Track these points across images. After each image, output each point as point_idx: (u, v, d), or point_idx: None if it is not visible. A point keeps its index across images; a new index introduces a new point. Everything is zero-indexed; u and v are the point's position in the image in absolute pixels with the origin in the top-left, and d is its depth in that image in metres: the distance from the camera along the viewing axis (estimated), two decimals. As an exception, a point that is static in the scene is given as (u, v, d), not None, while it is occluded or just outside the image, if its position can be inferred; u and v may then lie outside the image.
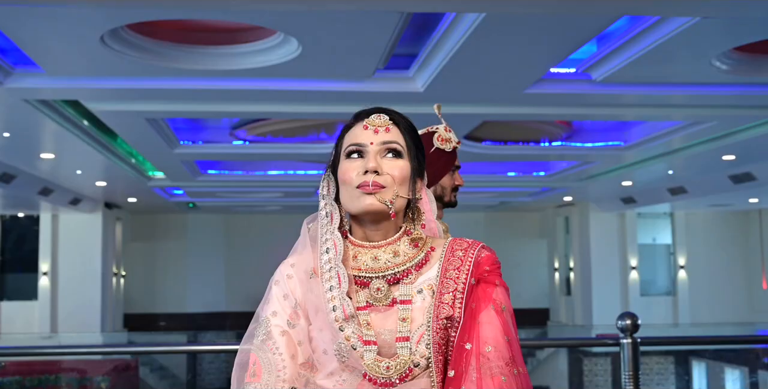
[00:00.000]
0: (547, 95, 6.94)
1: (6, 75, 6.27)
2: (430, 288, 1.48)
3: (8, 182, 10.91)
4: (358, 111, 1.57)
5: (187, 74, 6.10)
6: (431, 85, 6.54)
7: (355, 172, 1.48)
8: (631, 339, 3.72)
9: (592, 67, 6.42)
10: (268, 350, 1.48)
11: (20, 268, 15.71)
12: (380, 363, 1.42)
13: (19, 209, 15.16)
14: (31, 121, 7.72)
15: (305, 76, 6.34)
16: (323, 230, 1.52)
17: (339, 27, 5.15)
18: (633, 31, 5.66)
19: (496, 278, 1.49)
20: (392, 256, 1.50)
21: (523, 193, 15.50)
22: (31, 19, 4.88)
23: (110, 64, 5.82)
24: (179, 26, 5.69)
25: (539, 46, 5.59)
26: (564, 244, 18.31)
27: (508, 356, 1.41)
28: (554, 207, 18.22)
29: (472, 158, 10.65)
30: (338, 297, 1.44)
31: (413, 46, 6.23)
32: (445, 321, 1.45)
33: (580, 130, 10.30)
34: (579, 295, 17.02)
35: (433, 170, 2.46)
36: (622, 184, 13.17)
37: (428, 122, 8.23)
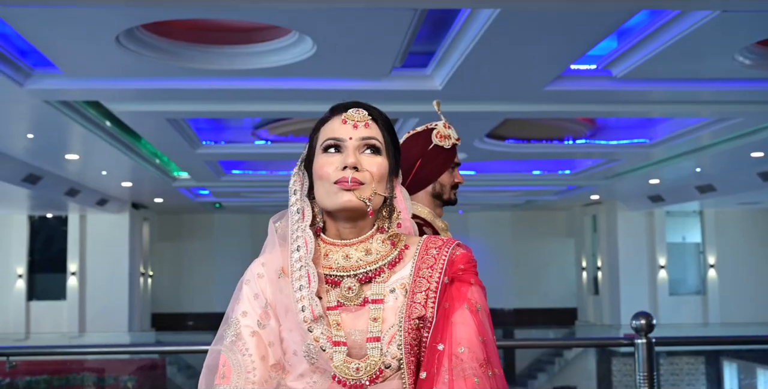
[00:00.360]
0: (567, 92, 6.86)
1: (26, 77, 6.32)
2: (403, 287, 1.43)
3: (35, 183, 11.02)
4: (335, 105, 1.53)
5: (204, 74, 6.10)
6: (449, 83, 6.48)
7: (332, 167, 1.43)
8: (646, 339, 3.65)
9: (613, 64, 6.33)
10: (238, 351, 1.45)
11: (49, 268, 15.87)
12: (350, 364, 1.38)
13: (47, 210, 15.32)
14: (53, 122, 7.78)
15: (321, 76, 6.31)
16: (294, 227, 1.47)
17: (353, 25, 5.12)
18: (653, 27, 5.57)
19: (471, 277, 1.44)
20: (364, 254, 1.45)
21: (549, 191, 15.37)
22: (46, 20, 4.90)
23: (127, 65, 5.83)
24: (194, 26, 5.69)
25: (557, 42, 5.51)
26: (592, 243, 18.13)
27: (483, 357, 1.36)
28: (581, 206, 18.06)
29: (495, 156, 10.59)
30: (307, 297, 1.40)
31: (430, 43, 6.18)
32: (417, 321, 1.41)
33: (605, 127, 10.18)
34: (607, 295, 16.84)
35: (431, 168, 2.42)
36: (649, 182, 13.01)
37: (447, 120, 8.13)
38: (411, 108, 7.32)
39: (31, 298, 15.70)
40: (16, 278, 15.62)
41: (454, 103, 7.24)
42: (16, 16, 4.83)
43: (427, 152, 2.43)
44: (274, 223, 1.53)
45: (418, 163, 2.44)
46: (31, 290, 15.78)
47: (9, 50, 5.88)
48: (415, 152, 2.45)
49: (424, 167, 2.44)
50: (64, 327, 15.16)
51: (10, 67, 6.05)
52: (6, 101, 6.85)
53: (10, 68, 6.07)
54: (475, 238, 20.28)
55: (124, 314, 15.42)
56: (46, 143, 9.16)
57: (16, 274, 15.62)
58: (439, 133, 2.45)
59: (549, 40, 5.45)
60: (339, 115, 1.49)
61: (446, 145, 2.44)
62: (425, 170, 2.44)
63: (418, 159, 2.43)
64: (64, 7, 4.63)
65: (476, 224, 20.25)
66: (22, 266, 15.66)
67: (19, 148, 9.38)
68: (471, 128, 8.56)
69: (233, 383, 1.43)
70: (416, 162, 2.43)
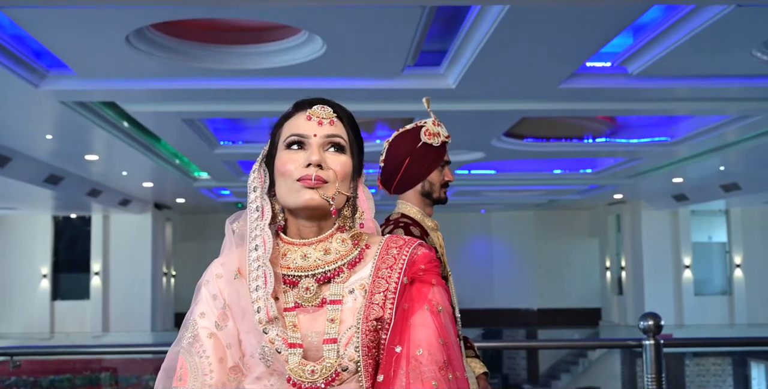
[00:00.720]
0: (583, 90, 6.79)
1: (41, 78, 6.36)
2: (363, 288, 1.39)
3: (56, 184, 11.12)
4: (299, 100, 1.49)
5: (215, 74, 6.10)
6: (463, 82, 6.44)
7: (295, 164, 1.39)
8: (654, 340, 3.58)
9: (628, 61, 6.25)
10: (195, 353, 1.41)
11: (73, 268, 16.02)
12: (305, 366, 1.34)
13: (71, 210, 15.47)
14: (71, 123, 7.83)
15: (333, 75, 6.29)
16: (252, 226, 1.43)
17: (361, 24, 5.08)
18: (668, 22, 5.49)
19: (432, 278, 1.39)
20: (323, 254, 1.41)
21: (571, 191, 15.25)
22: (55, 21, 4.92)
23: (138, 65, 5.85)
24: (204, 26, 5.69)
25: (569, 39, 5.44)
26: (615, 243, 17.97)
27: (442, 360, 1.31)
28: (605, 205, 17.90)
29: (514, 155, 10.52)
30: (263, 298, 1.36)
31: (442, 42, 6.14)
32: (375, 323, 1.36)
33: (625, 125, 10.07)
34: (631, 295, 16.68)
35: (420, 166, 2.38)
36: (672, 181, 12.85)
37: (461, 118, 8.21)
38: (425, 107, 7.26)
39: (55, 298, 15.86)
40: (41, 278, 15.79)
41: (469, 101, 7.20)
42: (26, 18, 4.86)
43: (415, 150, 2.39)
44: (231, 223, 1.49)
45: (407, 161, 2.40)
46: (56, 290, 15.94)
47: (23, 52, 5.92)
48: (403, 150, 2.40)
49: (413, 165, 2.40)
50: (88, 327, 15.30)
51: (24, 69, 6.09)
52: (23, 103, 6.90)
53: (25, 70, 6.11)
54: (498, 238, 20.20)
55: (147, 313, 15.53)
56: (66, 143, 9.23)
57: (40, 274, 15.79)
58: (428, 131, 2.40)
59: (561, 37, 5.38)
60: (303, 111, 1.45)
61: (435, 143, 2.39)
62: (414, 169, 2.40)
63: (406, 157, 2.39)
64: (70, 7, 4.64)
65: (499, 223, 20.17)
66: (46, 266, 15.83)
67: (39, 149, 9.46)
68: (488, 127, 8.50)
69: (189, 385, 1.39)
70: (404, 160, 2.39)
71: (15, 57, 5.88)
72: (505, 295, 19.79)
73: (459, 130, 8.55)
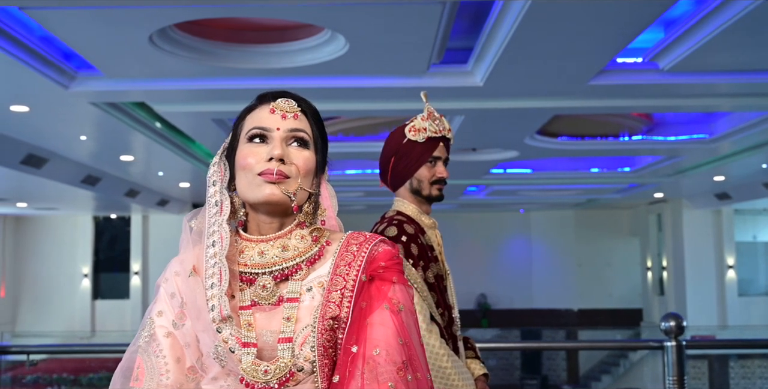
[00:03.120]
0: (613, 86, 6.66)
1: (70, 79, 6.42)
2: (321, 286, 1.34)
3: (94, 185, 11.27)
4: (263, 93, 1.45)
5: (240, 73, 6.09)
6: (490, 79, 6.35)
7: (257, 158, 1.35)
8: (676, 341, 3.48)
9: (659, 56, 6.11)
10: (152, 353, 1.38)
11: (113, 268, 16.25)
12: (258, 366, 1.29)
13: (111, 210, 15.68)
14: (103, 124, 7.92)
15: (358, 73, 6.25)
16: (211, 221, 1.39)
17: (381, 21, 5.04)
18: (699, 15, 5.34)
19: (393, 275, 1.34)
20: (281, 251, 1.37)
21: (610, 189, 15.03)
22: (80, 22, 4.95)
23: (163, 65, 5.87)
24: (227, 25, 5.70)
25: (596, 34, 5.33)
26: (657, 242, 17.68)
27: (401, 360, 1.26)
28: (646, 204, 17.63)
29: (548, 153, 10.39)
30: (217, 296, 1.32)
31: (468, 38, 6.07)
32: (332, 322, 1.31)
33: (662, 123, 9.88)
34: (672, 295, 16.39)
35: (406, 163, 2.33)
36: (714, 179, 12.58)
37: (492, 116, 8.12)
38: (454, 105, 7.22)
39: (96, 297, 16.10)
40: (82, 277, 16.04)
41: (498, 99, 7.11)
42: (50, 19, 4.90)
43: (401, 147, 2.35)
44: (188, 221, 1.45)
45: (393, 158, 2.36)
46: (96, 289, 16.19)
47: (52, 53, 5.98)
48: (390, 147, 2.38)
49: (399, 162, 2.36)
50: (128, 326, 15.50)
51: (54, 71, 6.16)
52: (54, 104, 6.99)
53: (55, 71, 6.17)
54: (537, 237, 20.02)
55: (185, 312, 15.65)
56: (100, 144, 9.34)
57: (81, 274, 16.04)
58: (413, 127, 2.36)
59: (587, 32, 5.27)
60: (267, 104, 1.41)
61: (419, 138, 2.34)
62: (400, 165, 2.36)
63: (392, 154, 2.36)
64: (93, 7, 4.67)
65: (538, 223, 19.99)
66: (87, 266, 16.08)
67: (74, 150, 9.59)
68: (519, 125, 8.40)
69: (145, 386, 1.36)
70: (391, 157, 2.36)
71: (44, 59, 5.94)
72: (545, 295, 19.60)
73: (490, 128, 8.48)
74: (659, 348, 3.53)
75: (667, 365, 3.49)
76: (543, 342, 14.58)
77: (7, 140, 8.43)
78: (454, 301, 2.41)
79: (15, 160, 9.05)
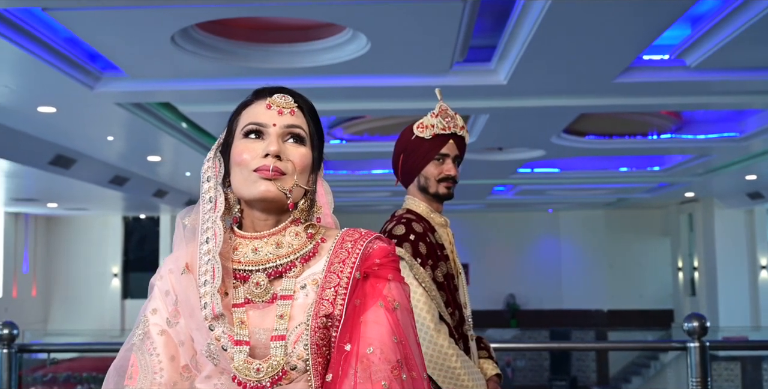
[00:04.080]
0: (639, 84, 6.56)
1: (96, 80, 6.47)
2: (315, 283, 1.32)
3: (122, 185, 11.37)
4: (259, 88, 1.44)
5: (262, 73, 6.09)
6: (514, 77, 6.30)
7: (252, 154, 1.34)
8: (699, 342, 3.41)
9: (686, 53, 6.02)
10: (146, 351, 1.37)
11: (142, 267, 16.39)
12: (250, 365, 1.27)
13: (140, 210, 15.82)
14: (129, 124, 7.98)
15: (380, 72, 6.23)
16: (205, 217, 1.37)
17: (403, 20, 5.01)
18: (725, 10, 5.25)
19: (388, 273, 1.31)
20: (275, 247, 1.35)
21: (640, 189, 14.87)
22: (102, 23, 4.98)
23: (186, 65, 5.89)
24: (248, 25, 5.70)
25: (620, 30, 5.26)
26: (688, 242, 17.46)
27: (395, 359, 1.23)
28: (677, 204, 17.42)
29: (576, 152, 10.29)
30: (210, 293, 1.30)
31: (491, 37, 6.02)
32: (325, 320, 1.29)
33: (691, 121, 9.74)
34: (704, 296, 16.17)
35: (413, 159, 2.31)
36: (745, 178, 12.37)
37: (517, 115, 8.06)
38: (478, 104, 7.17)
39: (125, 296, 16.25)
40: (112, 277, 16.19)
41: (523, 97, 7.05)
42: (73, 20, 4.93)
43: (409, 144, 2.33)
44: (182, 219, 1.43)
45: (402, 155, 2.34)
46: (126, 288, 16.33)
47: (77, 54, 6.03)
48: (399, 144, 2.36)
49: (407, 159, 2.34)
50: (157, 325, 15.60)
51: (79, 72, 6.21)
52: (80, 105, 7.05)
53: (80, 72, 6.22)
54: (567, 237, 19.88)
55: (215, 312, 15.75)
56: (127, 145, 9.41)
57: (111, 273, 16.20)
58: (421, 123, 2.34)
59: (611, 28, 5.20)
60: (263, 99, 1.40)
61: (426, 135, 2.31)
62: (408, 163, 2.34)
63: (401, 151, 2.34)
64: (115, 8, 4.69)
65: (567, 223, 19.85)
66: (117, 266, 16.23)
67: (102, 150, 9.67)
68: (545, 124, 8.32)
69: (139, 384, 1.35)
70: (400, 154, 2.35)
71: (69, 60, 5.99)
72: (574, 296, 19.46)
73: (515, 127, 8.42)
74: (682, 348, 3.46)
75: (690, 366, 3.42)
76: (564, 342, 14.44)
77: (35, 140, 8.52)
78: (466, 300, 2.37)
79: (44, 160, 9.15)
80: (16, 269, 15.86)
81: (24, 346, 3.57)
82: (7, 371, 3.36)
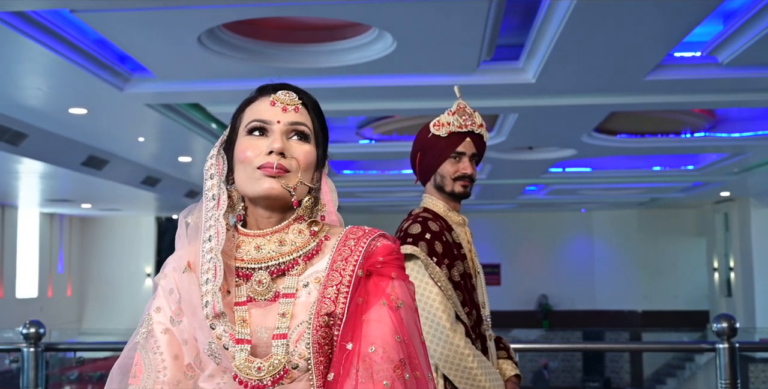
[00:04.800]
0: (671, 82, 6.48)
1: (125, 81, 6.53)
2: (318, 281, 1.30)
3: (153, 186, 11.47)
4: (263, 85, 1.42)
5: (289, 73, 6.10)
6: (542, 75, 6.24)
7: (256, 151, 1.32)
8: (728, 343, 3.35)
9: (717, 49, 5.91)
10: (150, 349, 1.36)
11: (175, 267, 16.52)
12: (251, 363, 1.26)
13: (173, 211, 15.94)
14: (159, 125, 8.04)
15: (407, 72, 6.21)
16: (207, 215, 1.35)
17: (427, 19, 4.99)
18: (758, 5, 5.15)
19: (392, 271, 1.29)
20: (278, 245, 1.33)
21: (674, 188, 14.68)
22: (129, 24, 5.01)
23: (213, 66, 5.92)
24: (275, 25, 5.71)
25: (650, 27, 5.18)
26: (724, 242, 17.18)
27: (398, 358, 1.21)
28: (712, 203, 17.17)
29: (607, 151, 10.18)
30: (211, 292, 1.29)
31: (519, 35, 5.97)
32: (327, 318, 1.27)
33: (725, 119, 9.58)
34: (740, 297, 15.90)
35: (430, 158, 2.29)
36: (782, 177, 12.18)
37: (546, 114, 7.99)
38: (506, 103, 7.12)
39: (158, 296, 16.38)
40: (145, 277, 16.33)
41: (552, 96, 6.99)
42: (101, 22, 4.97)
43: (425, 142, 2.31)
44: (184, 217, 1.42)
45: (419, 154, 2.32)
46: (159, 288, 16.46)
47: (106, 56, 6.08)
48: (416, 142, 2.34)
49: (424, 157, 2.32)
50: (190, 324, 15.72)
51: (109, 73, 6.27)
52: (110, 106, 7.12)
53: (109, 74, 6.28)
54: (600, 237, 19.69)
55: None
56: (158, 145, 9.49)
57: (144, 273, 16.34)
58: (438, 121, 2.32)
59: (641, 24, 5.13)
60: (267, 96, 1.38)
61: (442, 133, 2.29)
62: (425, 161, 2.32)
63: (419, 150, 2.33)
64: (142, 9, 4.72)
65: (600, 223, 19.67)
66: (150, 266, 16.37)
67: (133, 151, 9.77)
68: (575, 123, 8.24)
69: (142, 383, 1.34)
70: (417, 153, 2.33)
71: (99, 62, 6.04)
72: (608, 296, 19.26)
73: (545, 126, 8.35)
74: (711, 350, 3.40)
75: (719, 368, 3.37)
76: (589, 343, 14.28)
77: (68, 142, 8.62)
78: (485, 300, 2.34)
79: (76, 161, 9.26)
80: (51, 269, 16.07)
81: (51, 345, 3.61)
82: (34, 369, 3.40)
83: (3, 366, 10.79)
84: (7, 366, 10.34)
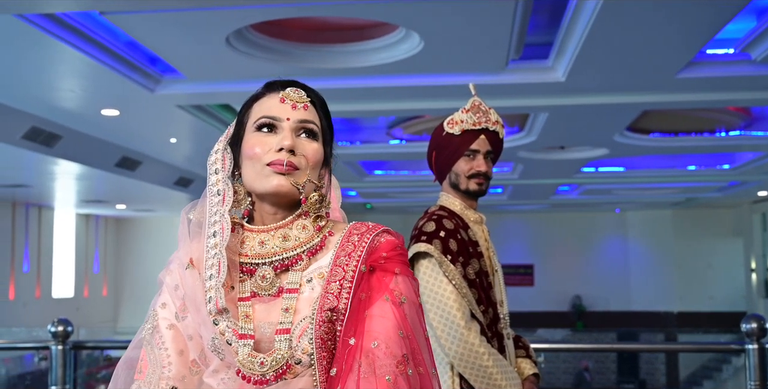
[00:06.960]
0: (703, 79, 6.38)
1: (156, 83, 6.59)
2: (321, 277, 1.30)
3: (186, 186, 11.57)
4: (270, 81, 1.42)
5: (318, 74, 6.11)
6: (572, 74, 6.19)
7: (265, 147, 1.33)
8: (758, 344, 3.30)
9: (751, 46, 5.82)
10: (155, 345, 1.37)
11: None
12: (254, 358, 1.26)
13: (205, 212, 16.05)
14: (191, 126, 8.10)
15: (434, 71, 6.19)
16: (213, 210, 1.36)
17: (454, 18, 4.96)
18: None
19: (396, 266, 1.28)
20: (281, 241, 1.33)
21: (710, 188, 14.48)
22: (158, 25, 5.05)
23: (242, 67, 5.94)
24: (303, 25, 5.73)
25: (681, 23, 5.11)
26: (762, 243, 16.93)
27: (401, 354, 1.20)
28: (749, 203, 16.91)
29: (640, 151, 10.07)
30: (215, 287, 1.29)
31: (547, 33, 5.93)
32: (330, 313, 1.27)
33: (761, 117, 9.43)
34: (778, 298, 15.67)
35: (444, 156, 2.28)
36: (821, 176, 11.96)
37: (577, 113, 7.93)
38: (536, 102, 7.07)
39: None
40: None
41: (582, 94, 6.93)
42: (130, 24, 5.01)
43: (440, 140, 2.31)
44: (187, 213, 1.42)
45: (434, 152, 2.32)
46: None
47: (137, 58, 6.15)
48: (432, 140, 2.34)
49: (439, 155, 2.31)
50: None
51: (139, 75, 6.33)
52: (142, 108, 7.19)
53: (140, 75, 6.34)
54: (634, 238, 19.50)
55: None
56: (190, 146, 9.56)
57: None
58: (452, 119, 2.32)
59: (671, 21, 5.06)
60: (276, 92, 1.38)
61: (455, 131, 2.28)
62: (440, 159, 2.32)
63: (434, 148, 2.32)
64: (168, 10, 4.76)
65: (635, 223, 19.47)
66: (184, 266, 16.51)
67: (166, 152, 9.86)
68: (607, 122, 8.16)
69: (148, 378, 1.35)
70: (433, 151, 2.32)
71: (130, 63, 6.11)
72: (643, 297, 19.06)
73: (576, 125, 8.27)
74: (740, 351, 3.35)
75: (749, 369, 3.32)
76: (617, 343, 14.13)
77: (101, 143, 8.73)
78: (503, 298, 2.32)
79: (110, 163, 9.37)
80: (87, 269, 16.29)
81: (79, 343, 3.65)
82: (62, 367, 3.44)
83: (33, 365, 10.95)
84: (37, 365, 10.49)
